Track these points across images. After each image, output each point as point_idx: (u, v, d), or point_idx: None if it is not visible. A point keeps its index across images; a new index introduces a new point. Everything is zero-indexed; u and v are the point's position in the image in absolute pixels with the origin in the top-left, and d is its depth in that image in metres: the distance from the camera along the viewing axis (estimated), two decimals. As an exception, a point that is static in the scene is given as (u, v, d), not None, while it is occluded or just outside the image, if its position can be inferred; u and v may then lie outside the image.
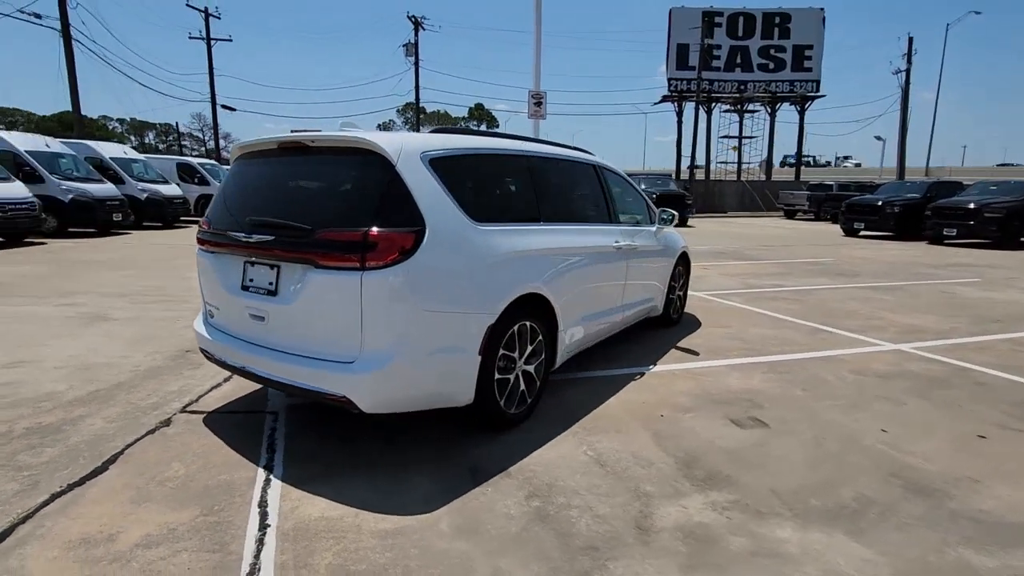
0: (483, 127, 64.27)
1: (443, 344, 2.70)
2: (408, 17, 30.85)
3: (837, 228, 19.69)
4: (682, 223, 20.59)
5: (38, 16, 19.23)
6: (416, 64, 31.16)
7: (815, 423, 3.40)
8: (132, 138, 68.48)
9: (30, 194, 11.60)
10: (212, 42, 29.20)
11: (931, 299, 7.33)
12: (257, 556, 2.08)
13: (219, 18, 30.17)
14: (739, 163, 35.86)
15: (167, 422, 3.23)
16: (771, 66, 32.16)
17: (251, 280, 2.84)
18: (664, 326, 5.54)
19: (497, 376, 3.01)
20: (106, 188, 13.83)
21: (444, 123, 60.35)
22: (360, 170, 2.66)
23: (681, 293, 5.76)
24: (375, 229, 2.48)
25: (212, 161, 20.88)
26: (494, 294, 2.90)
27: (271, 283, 2.74)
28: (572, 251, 3.62)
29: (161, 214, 15.69)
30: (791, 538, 2.26)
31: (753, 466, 2.85)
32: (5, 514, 2.31)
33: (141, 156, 16.56)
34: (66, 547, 2.11)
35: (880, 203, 16.82)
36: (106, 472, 2.67)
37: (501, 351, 3.01)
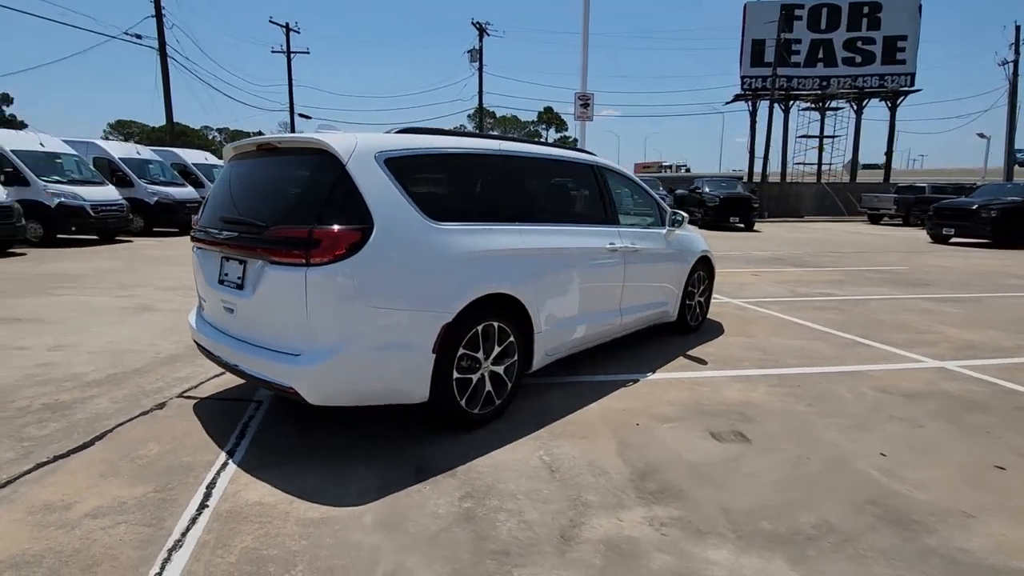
0: (551, 131, 64.28)
1: (391, 341, 2.73)
2: (473, 24, 31.50)
3: (925, 234, 18.06)
4: (747, 227, 19.63)
5: (139, 36, 21.40)
6: (480, 69, 31.68)
7: (805, 441, 3.14)
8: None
9: (120, 197, 12.81)
10: (291, 55, 31.19)
11: (1006, 314, 6.57)
12: (184, 534, 2.20)
13: (298, 32, 32.17)
14: (819, 164, 33.63)
15: (162, 405, 3.48)
16: (858, 60, 29.96)
17: (225, 275, 3.01)
18: (680, 333, 5.31)
19: (456, 375, 3.01)
20: (186, 191, 15.05)
21: (513, 127, 60.89)
22: (314, 169, 2.75)
23: (701, 299, 5.50)
24: (320, 226, 2.57)
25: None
26: (450, 293, 2.91)
27: (239, 277, 2.89)
28: (552, 252, 3.56)
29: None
30: (722, 561, 2.11)
31: (713, 482, 2.68)
32: None
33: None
34: (28, 511, 2.33)
35: (975, 207, 15.23)
36: (91, 447, 2.91)
37: (461, 350, 3.01)
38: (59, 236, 11.83)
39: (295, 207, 2.73)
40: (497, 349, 3.23)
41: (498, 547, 2.17)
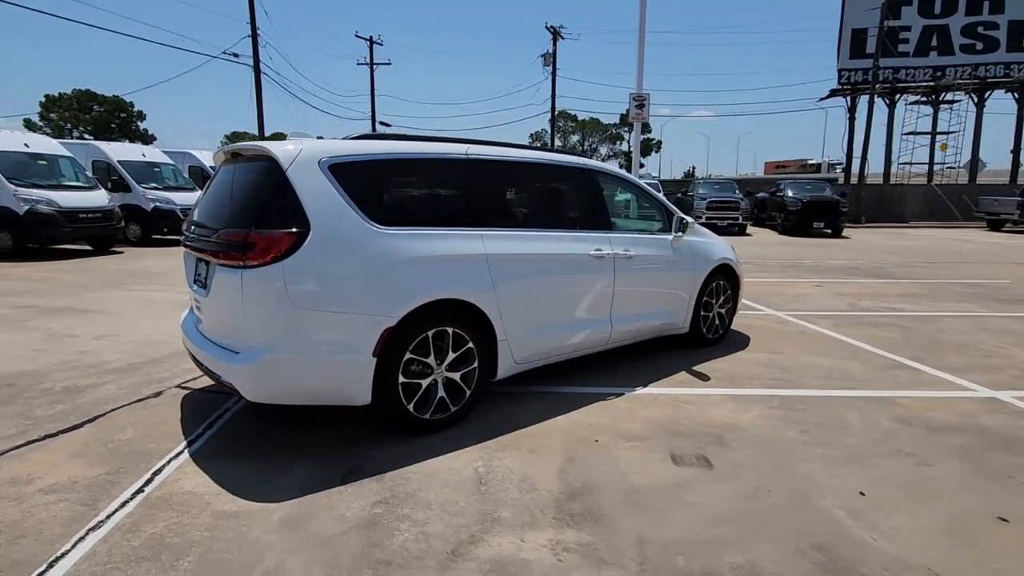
0: (630, 133, 62.62)
1: (327, 343, 2.79)
2: (546, 28, 31.41)
3: (1050, 243, 15.77)
4: (835, 233, 18.11)
5: (236, 55, 23.51)
6: (553, 73, 31.59)
7: (775, 472, 2.84)
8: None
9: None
10: (374, 66, 32.79)
11: (1110, 338, 5.58)
12: (109, 516, 2.37)
13: (381, 44, 33.75)
14: (931, 163, 30.27)
15: (159, 394, 3.77)
16: (978, 47, 26.73)
17: (198, 275, 3.22)
18: (694, 346, 4.99)
19: (403, 380, 3.01)
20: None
21: (594, 131, 60.09)
22: (261, 175, 2.87)
23: (721, 311, 5.14)
24: (257, 230, 2.67)
25: None
26: (395, 297, 2.92)
27: (204, 278, 3.08)
28: (522, 258, 3.47)
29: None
30: (609, 595, 1.95)
31: (646, 510, 2.49)
32: None
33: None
34: (-4, 483, 2.61)
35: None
36: (79, 429, 3.22)
37: (409, 355, 3.01)
38: (154, 236, 13.18)
39: (240, 211, 2.86)
40: (452, 355, 3.20)
41: (384, 556, 2.14)
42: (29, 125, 42.82)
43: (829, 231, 18.23)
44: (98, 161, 13.18)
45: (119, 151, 13.46)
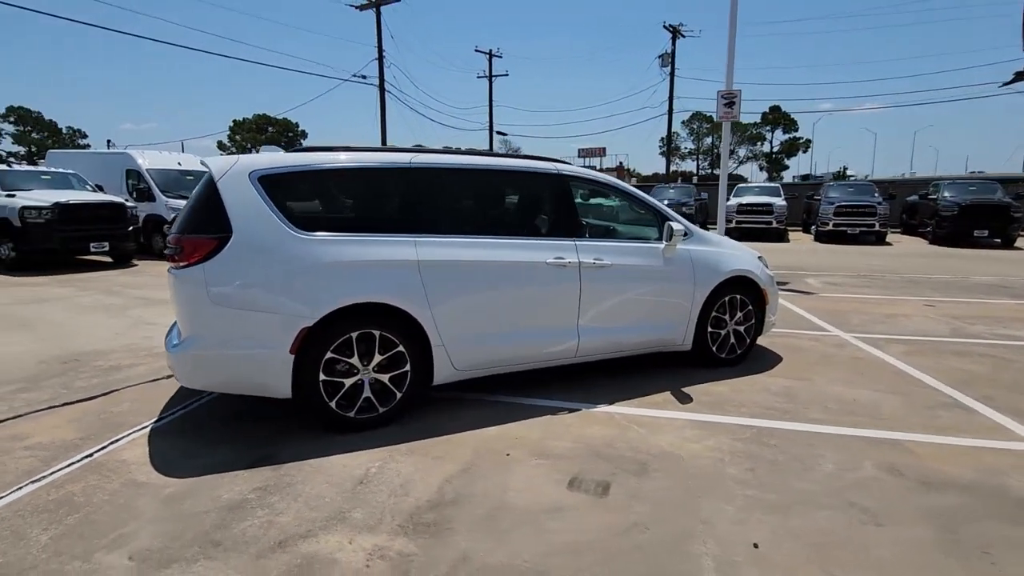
0: (774, 132, 57.54)
1: (243, 338, 3.05)
2: (665, 27, 29.99)
3: None
4: (1005, 243, 15.10)
5: (364, 77, 25.96)
6: (672, 74, 30.04)
7: (670, 509, 2.55)
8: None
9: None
10: (493, 78, 33.97)
11: None
12: (53, 472, 2.84)
13: (500, 57, 34.91)
14: None
15: (170, 376, 4.35)
16: None
17: (179, 274, 3.68)
18: (703, 365, 4.55)
19: (324, 378, 3.19)
20: None
21: (736, 131, 56.26)
22: (201, 187, 3.21)
23: (739, 328, 4.63)
24: (187, 235, 3.02)
25: None
26: (314, 299, 3.10)
27: None
28: (460, 264, 3.47)
29: None
30: (381, 607, 1.93)
31: (496, 530, 2.39)
32: (13, 410, 3.61)
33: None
34: (2, 437, 3.24)
35: None
36: (91, 400, 3.84)
37: (330, 354, 3.18)
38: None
39: (183, 219, 3.23)
40: (379, 357, 3.31)
41: (220, 537, 2.32)
42: (221, 146, 51.12)
43: (998, 240, 15.28)
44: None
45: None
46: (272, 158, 3.31)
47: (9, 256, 9.59)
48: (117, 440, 3.22)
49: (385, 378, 3.35)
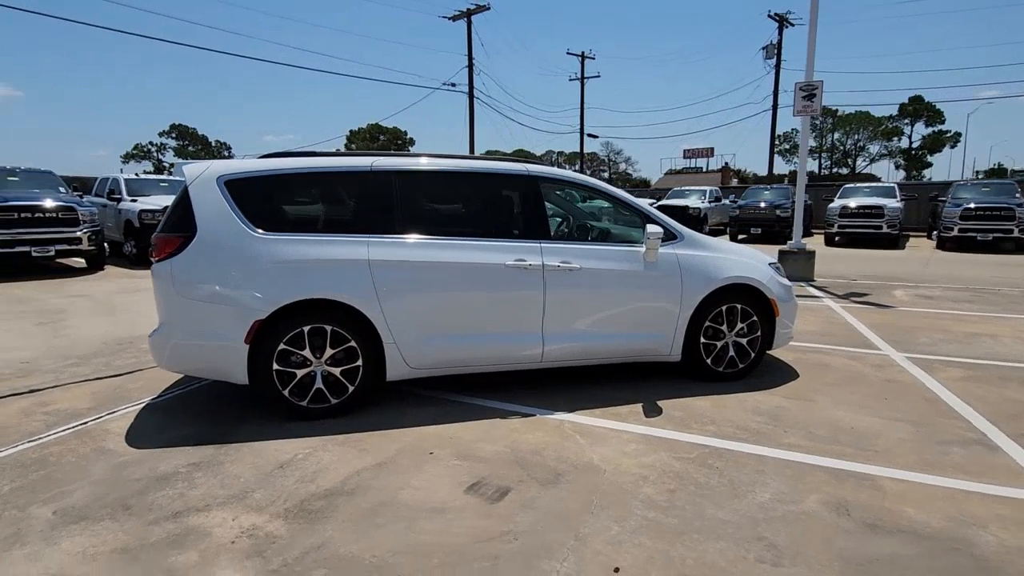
0: (914, 125, 50.83)
1: (203, 328, 3.36)
2: (770, 16, 27.61)
3: None
4: None
5: (453, 85, 26.90)
6: (777, 66, 27.62)
7: (554, 521, 2.44)
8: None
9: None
10: (585, 80, 33.54)
11: None
12: (48, 435, 3.32)
13: (593, 58, 34.33)
14: None
15: (194, 360, 4.86)
16: None
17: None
18: (700, 379, 4.24)
19: (278, 367, 3.42)
20: None
21: (863, 124, 50.92)
22: (179, 191, 3.58)
23: (741, 340, 4.25)
24: (160, 234, 3.39)
25: None
26: (267, 294, 3.35)
27: None
28: (413, 265, 3.55)
29: None
30: None
31: (370, 524, 2.45)
32: (57, 380, 4.25)
33: None
34: (32, 402, 3.84)
35: None
36: (117, 377, 4.41)
37: (283, 346, 3.41)
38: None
39: (163, 219, 3.62)
40: (331, 351, 3.49)
41: (132, 504, 2.59)
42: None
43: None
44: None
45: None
46: (239, 164, 3.61)
47: (131, 252, 11.18)
48: (113, 412, 3.69)
49: (337, 371, 3.52)
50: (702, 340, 4.18)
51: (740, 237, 17.59)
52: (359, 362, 3.54)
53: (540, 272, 3.76)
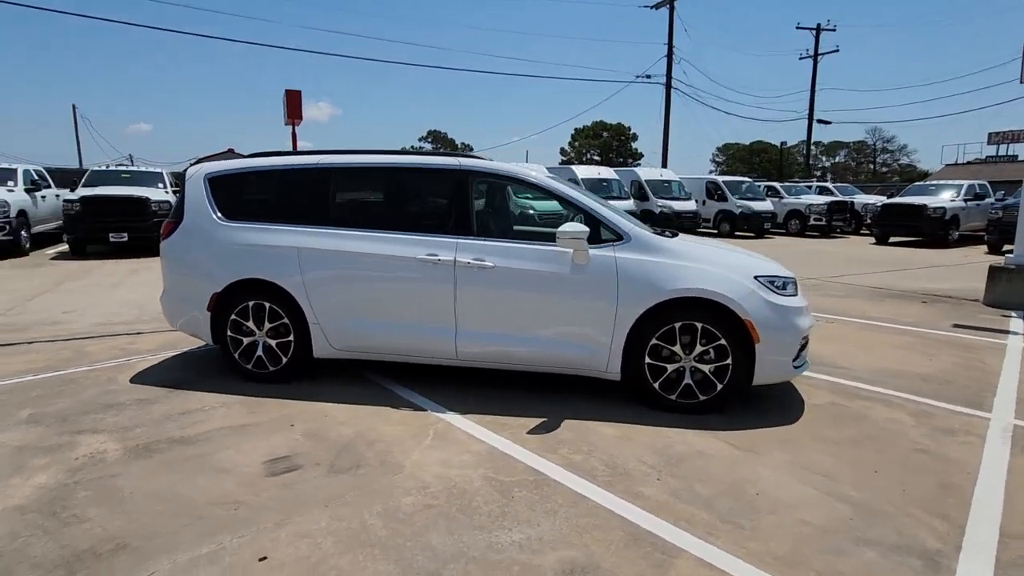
0: None
1: (184, 295, 4.17)
2: None
3: None
4: None
5: (648, 77, 25.40)
6: None
7: (286, 504, 2.52)
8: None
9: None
10: (818, 57, 28.33)
11: None
12: (76, 370, 4.49)
13: (833, 30, 28.76)
14: None
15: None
16: None
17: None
18: (660, 408, 3.60)
19: (231, 334, 4.07)
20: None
21: None
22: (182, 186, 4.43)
23: (705, 368, 3.51)
24: (167, 219, 4.30)
25: (746, 179, 21.07)
26: (220, 271, 4.00)
27: None
28: (332, 253, 3.84)
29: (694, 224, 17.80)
30: None
31: (166, 472, 2.85)
32: (93, 335, 5.62)
33: (676, 178, 19.30)
34: (123, 339, 5.19)
35: None
36: (136, 335, 5.56)
37: (234, 316, 4.04)
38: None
39: (172, 209, 4.52)
40: (268, 325, 4.01)
41: (78, 426, 3.43)
42: (562, 152, 58.40)
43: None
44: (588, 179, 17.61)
45: (644, 173, 19.00)
46: (222, 163, 4.34)
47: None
48: (156, 355, 4.80)
49: (274, 343, 4.03)
50: (647, 360, 3.58)
51: (1006, 249, 13.39)
52: (291, 337, 3.98)
53: (451, 268, 3.70)
